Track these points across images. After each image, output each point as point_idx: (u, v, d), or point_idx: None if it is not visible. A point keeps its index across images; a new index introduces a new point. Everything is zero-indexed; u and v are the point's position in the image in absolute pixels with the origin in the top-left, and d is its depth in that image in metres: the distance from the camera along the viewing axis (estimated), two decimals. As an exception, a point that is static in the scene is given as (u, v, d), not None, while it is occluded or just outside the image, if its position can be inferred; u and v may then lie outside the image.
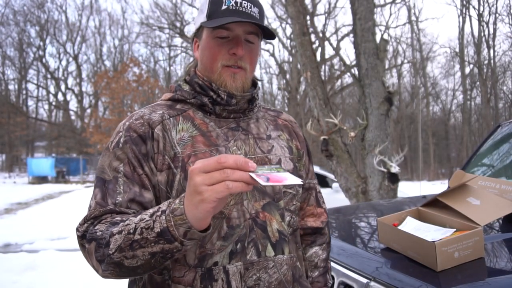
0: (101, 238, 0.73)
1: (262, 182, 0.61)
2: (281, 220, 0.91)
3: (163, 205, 0.72)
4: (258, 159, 0.93)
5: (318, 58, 8.51)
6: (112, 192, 0.81)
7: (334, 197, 5.91)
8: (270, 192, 0.92)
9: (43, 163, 17.79)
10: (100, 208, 0.79)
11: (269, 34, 0.93)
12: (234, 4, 0.88)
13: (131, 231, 0.71)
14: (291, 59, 21.62)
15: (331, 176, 6.49)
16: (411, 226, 1.62)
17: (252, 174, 0.62)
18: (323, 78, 7.24)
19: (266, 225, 0.88)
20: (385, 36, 11.48)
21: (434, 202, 1.79)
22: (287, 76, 22.43)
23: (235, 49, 0.88)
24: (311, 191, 1.12)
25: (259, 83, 1.05)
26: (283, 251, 0.90)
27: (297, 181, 0.65)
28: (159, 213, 0.70)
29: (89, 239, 0.75)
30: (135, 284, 0.91)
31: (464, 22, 19.22)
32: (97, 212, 0.79)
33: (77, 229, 0.79)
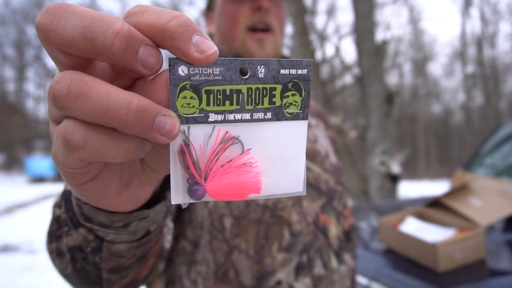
0: None
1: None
2: (337, 223, 0.74)
3: None
4: (307, 152, 0.74)
5: (318, 57, 8.50)
6: None
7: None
8: (325, 190, 0.74)
9: (42, 163, 17.82)
10: None
11: None
12: None
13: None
14: (291, 59, 21.55)
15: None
16: (412, 226, 1.61)
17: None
18: (323, 78, 7.24)
19: (326, 230, 0.72)
20: (386, 36, 11.48)
21: (435, 203, 1.78)
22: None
23: (258, 2, 0.72)
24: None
25: None
26: (345, 261, 0.74)
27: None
28: None
29: None
30: None
31: (465, 21, 19.25)
32: None
33: None
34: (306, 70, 0.28)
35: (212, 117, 0.26)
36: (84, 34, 0.22)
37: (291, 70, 0.27)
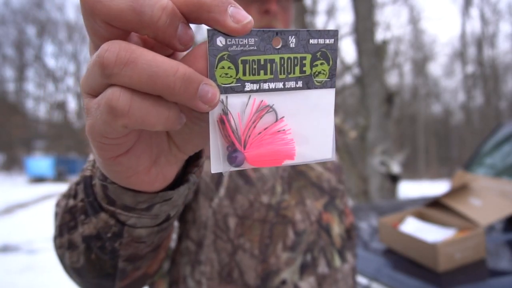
0: None
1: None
2: (340, 222, 0.75)
3: None
4: None
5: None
6: None
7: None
8: (328, 189, 0.75)
9: (42, 163, 17.82)
10: None
11: None
12: None
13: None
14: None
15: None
16: (412, 226, 1.61)
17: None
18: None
19: (329, 228, 0.73)
20: (386, 36, 11.48)
21: (435, 203, 1.78)
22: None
23: (267, 5, 0.71)
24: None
25: None
26: (347, 259, 0.75)
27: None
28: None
29: None
30: None
31: (465, 21, 19.24)
32: None
33: None
34: (333, 40, 0.29)
35: (248, 86, 0.27)
36: (133, 7, 0.23)
37: (319, 39, 0.28)
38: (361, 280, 1.45)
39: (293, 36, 0.27)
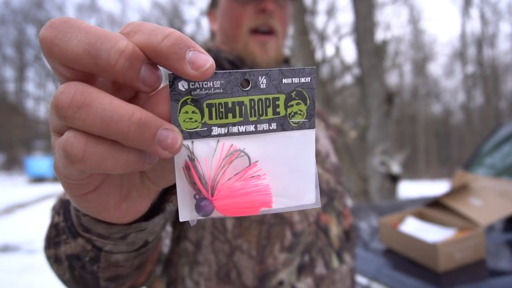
0: None
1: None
2: (338, 223, 0.75)
3: None
4: None
5: (318, 57, 8.51)
6: None
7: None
8: (326, 190, 0.74)
9: (42, 163, 17.80)
10: None
11: None
12: None
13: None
14: (291, 59, 21.61)
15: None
16: (412, 226, 1.61)
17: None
18: (323, 78, 7.24)
19: (328, 229, 0.72)
20: (386, 36, 11.48)
21: (435, 203, 1.78)
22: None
23: (263, 4, 0.71)
24: None
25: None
26: (345, 260, 0.74)
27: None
28: None
29: None
30: None
31: (465, 21, 19.25)
32: None
33: None
34: (309, 78, 0.27)
35: (216, 130, 0.26)
36: (89, 51, 0.22)
37: (293, 79, 0.27)
38: (361, 280, 1.45)
39: (263, 77, 0.26)
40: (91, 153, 0.23)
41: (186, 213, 0.26)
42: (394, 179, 4.41)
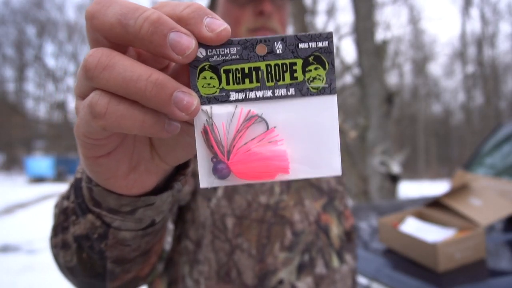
0: None
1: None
2: (339, 223, 0.75)
3: None
4: None
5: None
6: None
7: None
8: (327, 189, 0.75)
9: (42, 163, 17.81)
10: None
11: None
12: None
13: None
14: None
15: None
16: (412, 226, 1.61)
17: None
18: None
19: (328, 229, 0.72)
20: (387, 36, 11.48)
21: (435, 203, 1.78)
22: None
23: (261, 6, 0.71)
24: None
25: None
26: (346, 260, 0.74)
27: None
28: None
29: None
30: None
31: (465, 21, 19.25)
32: None
33: None
34: (327, 42, 0.27)
35: (233, 96, 0.26)
36: (120, 20, 0.25)
37: (310, 43, 0.26)
38: (361, 280, 1.45)
39: (279, 42, 0.26)
40: (113, 110, 0.25)
41: (206, 178, 0.27)
42: (394, 179, 4.41)
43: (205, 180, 0.27)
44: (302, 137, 0.27)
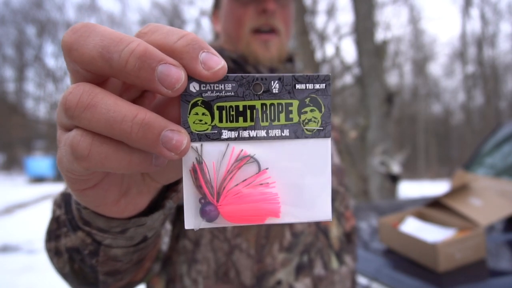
0: None
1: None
2: (338, 225, 0.75)
3: None
4: None
5: (318, 57, 8.51)
6: None
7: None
8: None
9: (42, 163, 17.80)
10: None
11: None
12: None
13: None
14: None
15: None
16: (412, 226, 1.61)
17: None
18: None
19: (327, 230, 0.72)
20: (387, 36, 11.49)
21: (435, 203, 1.78)
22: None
23: (264, 4, 0.71)
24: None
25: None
26: (345, 262, 0.74)
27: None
28: None
29: None
30: None
31: (465, 21, 19.25)
32: None
33: None
34: (324, 85, 0.26)
35: (226, 134, 0.25)
36: (102, 54, 0.23)
37: (307, 84, 0.26)
38: (361, 280, 1.45)
39: (276, 81, 0.25)
40: (96, 152, 0.23)
41: (192, 219, 0.26)
42: (394, 179, 4.40)
43: (191, 222, 0.26)
44: (294, 180, 0.27)
